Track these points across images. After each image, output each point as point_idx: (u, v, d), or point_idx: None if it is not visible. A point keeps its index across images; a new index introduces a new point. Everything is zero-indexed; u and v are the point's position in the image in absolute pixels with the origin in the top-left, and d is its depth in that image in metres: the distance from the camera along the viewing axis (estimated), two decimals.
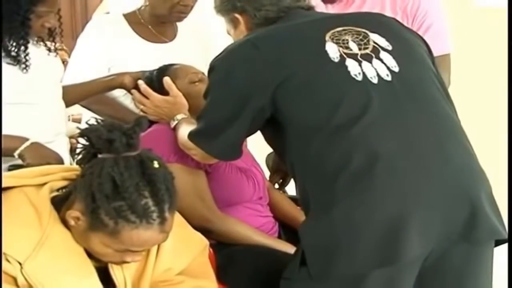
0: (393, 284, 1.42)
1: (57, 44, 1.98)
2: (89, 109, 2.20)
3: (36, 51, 1.87)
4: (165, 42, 2.27)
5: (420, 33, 1.99)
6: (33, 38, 1.86)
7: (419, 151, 1.43)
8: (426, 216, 1.40)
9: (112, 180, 1.35)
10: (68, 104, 2.07)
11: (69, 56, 2.49)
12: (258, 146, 1.80)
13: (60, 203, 1.45)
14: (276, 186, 2.17)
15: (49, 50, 1.94)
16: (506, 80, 3.32)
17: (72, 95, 2.05)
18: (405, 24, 2.01)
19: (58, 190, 1.50)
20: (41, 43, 1.93)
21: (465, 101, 3.12)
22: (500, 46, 3.32)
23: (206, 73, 1.70)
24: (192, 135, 1.62)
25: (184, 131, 1.68)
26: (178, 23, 2.32)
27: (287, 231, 1.94)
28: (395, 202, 1.39)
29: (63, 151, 1.89)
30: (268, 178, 2.14)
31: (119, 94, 2.16)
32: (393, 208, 1.38)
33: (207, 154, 1.61)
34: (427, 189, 1.41)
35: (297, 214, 1.93)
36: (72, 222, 1.40)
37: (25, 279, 1.36)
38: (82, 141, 1.45)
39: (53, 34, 1.94)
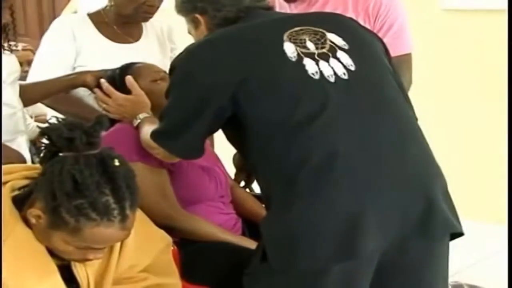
0: (351, 278, 1.45)
1: (12, 42, 1.96)
2: (54, 109, 2.19)
3: None
4: (130, 42, 2.27)
5: (381, 33, 2.04)
6: None
7: (376, 148, 1.46)
8: (383, 212, 1.43)
9: (73, 178, 1.36)
10: (29, 102, 2.06)
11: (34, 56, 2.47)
12: (225, 145, 1.81)
13: (21, 201, 1.46)
14: (242, 184, 2.19)
15: (3, 47, 1.93)
16: (470, 79, 3.39)
17: (34, 94, 2.04)
18: (367, 24, 2.05)
19: (19, 189, 1.50)
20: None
21: (428, 100, 3.18)
22: (465, 47, 3.38)
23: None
24: (154, 135, 1.63)
25: (147, 130, 1.69)
26: (144, 23, 2.32)
27: (252, 228, 1.95)
28: (352, 198, 1.42)
29: (23, 150, 1.88)
30: (233, 177, 2.16)
31: (84, 94, 2.15)
32: (351, 204, 1.41)
33: (169, 153, 1.63)
34: (384, 185, 1.44)
35: (261, 212, 1.94)
36: (33, 221, 1.41)
37: None
38: (44, 140, 1.46)
39: (6, 31, 1.92)
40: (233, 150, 1.83)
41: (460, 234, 1.56)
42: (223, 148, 1.97)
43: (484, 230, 2.95)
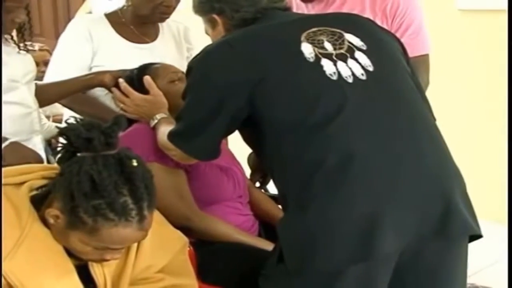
0: (368, 279, 1.44)
1: (29, 42, 1.97)
2: (71, 109, 2.19)
3: (6, 49, 1.86)
4: (147, 42, 2.27)
5: (399, 33, 2.03)
6: (2, 35, 1.85)
7: (393, 150, 1.45)
8: (401, 214, 1.42)
9: (91, 178, 1.36)
10: (47, 102, 2.06)
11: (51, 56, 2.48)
12: (240, 145, 1.81)
13: (39, 201, 1.46)
14: (257, 184, 2.19)
15: (19, 47, 1.93)
16: (486, 80, 3.37)
17: (51, 94, 2.04)
18: (384, 24, 2.04)
19: (37, 189, 1.50)
20: (11, 40, 1.92)
21: (444, 100, 3.16)
22: (481, 48, 3.36)
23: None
24: (171, 136, 1.63)
25: (164, 131, 1.69)
26: (160, 24, 2.33)
27: (268, 229, 1.95)
28: (369, 200, 1.41)
29: (38, 150, 1.89)
30: (249, 177, 2.16)
31: (100, 94, 2.16)
32: (367, 206, 1.40)
33: (186, 155, 1.63)
34: (402, 187, 1.43)
35: (277, 212, 1.94)
36: (51, 221, 1.41)
37: (4, 278, 1.37)
38: (62, 140, 1.46)
39: (22, 31, 1.93)
40: (247, 150, 1.83)
41: (479, 236, 1.55)
42: (237, 148, 1.97)
43: (500, 231, 2.93)
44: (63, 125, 1.47)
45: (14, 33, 1.94)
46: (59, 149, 1.46)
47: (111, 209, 1.36)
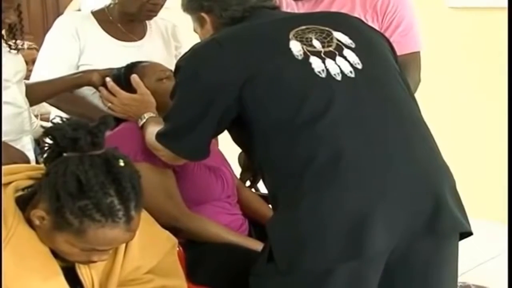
0: (359, 277, 1.44)
1: (19, 41, 1.95)
2: (59, 108, 2.18)
3: None
4: (134, 40, 2.25)
5: (390, 30, 2.03)
6: None
7: (383, 147, 1.45)
8: (391, 211, 1.42)
9: (77, 179, 1.35)
10: (35, 101, 2.04)
11: None
12: (230, 145, 1.80)
13: (25, 202, 1.44)
14: (247, 183, 2.18)
15: (10, 47, 1.92)
16: (478, 78, 3.38)
17: (39, 93, 2.03)
18: (375, 22, 2.04)
19: (23, 189, 1.48)
20: (2, 40, 1.90)
21: (435, 98, 3.17)
22: (472, 45, 3.37)
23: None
24: (159, 136, 1.62)
25: (152, 131, 1.68)
26: (148, 22, 2.31)
27: (258, 229, 1.94)
28: (359, 197, 1.40)
29: (27, 150, 1.88)
30: (239, 176, 2.14)
31: (88, 93, 2.14)
32: (357, 204, 1.40)
33: (175, 155, 1.61)
34: (392, 184, 1.43)
35: (267, 212, 1.93)
36: (37, 222, 1.39)
37: None
38: (48, 140, 1.45)
39: (13, 31, 1.92)
40: (238, 149, 1.82)
41: (469, 233, 1.55)
42: (228, 147, 1.96)
43: (492, 229, 2.94)
44: (49, 124, 1.45)
45: (3, 32, 1.92)
46: (45, 149, 1.44)
47: (98, 210, 1.34)
